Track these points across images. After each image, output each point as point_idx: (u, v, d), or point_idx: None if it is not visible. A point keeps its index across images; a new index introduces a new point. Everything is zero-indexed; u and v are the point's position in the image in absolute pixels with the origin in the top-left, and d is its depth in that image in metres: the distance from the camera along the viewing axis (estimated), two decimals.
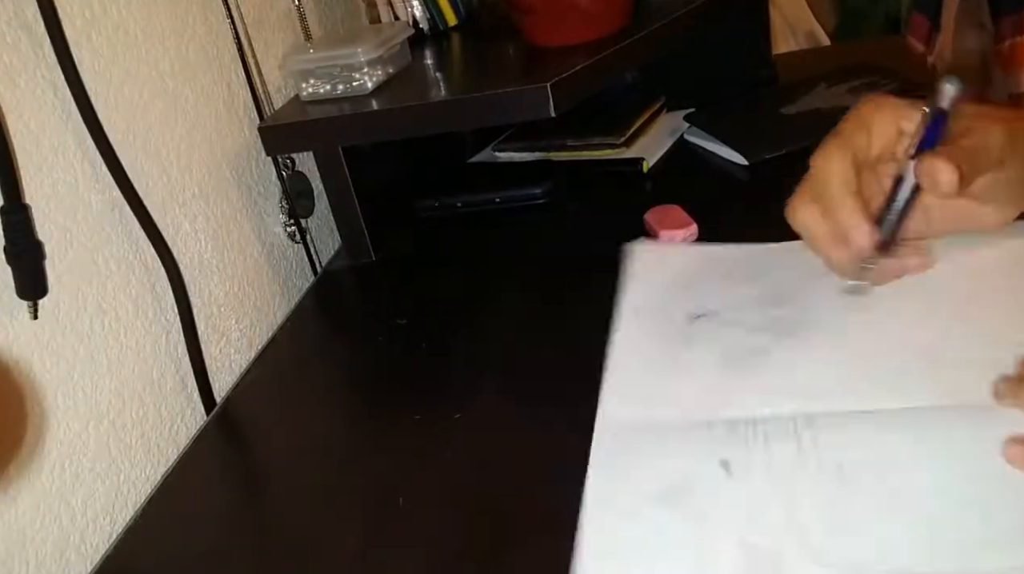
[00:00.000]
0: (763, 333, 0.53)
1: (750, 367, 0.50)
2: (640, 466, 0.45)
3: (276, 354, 0.70)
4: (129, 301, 0.62)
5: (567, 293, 0.66)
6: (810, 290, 0.56)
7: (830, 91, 0.91)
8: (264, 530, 0.51)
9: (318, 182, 0.84)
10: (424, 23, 0.95)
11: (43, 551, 0.53)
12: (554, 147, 0.93)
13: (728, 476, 0.43)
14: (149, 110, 0.67)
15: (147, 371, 0.63)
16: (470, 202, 0.86)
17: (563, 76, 0.69)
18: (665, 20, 0.79)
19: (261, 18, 0.82)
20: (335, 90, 0.78)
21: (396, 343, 0.65)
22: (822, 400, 0.46)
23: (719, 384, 0.50)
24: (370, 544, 0.45)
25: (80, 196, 0.59)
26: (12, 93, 0.54)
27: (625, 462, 0.46)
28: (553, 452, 0.49)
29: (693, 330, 0.55)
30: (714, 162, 0.85)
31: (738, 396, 0.48)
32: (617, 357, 0.54)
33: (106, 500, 0.58)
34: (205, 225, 0.71)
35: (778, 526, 0.40)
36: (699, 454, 0.45)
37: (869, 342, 0.51)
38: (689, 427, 0.47)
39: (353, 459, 0.55)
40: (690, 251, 0.65)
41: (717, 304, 0.57)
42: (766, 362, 0.50)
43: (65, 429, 0.55)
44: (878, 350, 0.50)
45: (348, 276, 0.80)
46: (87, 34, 0.61)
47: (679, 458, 0.45)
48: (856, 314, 0.53)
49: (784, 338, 0.52)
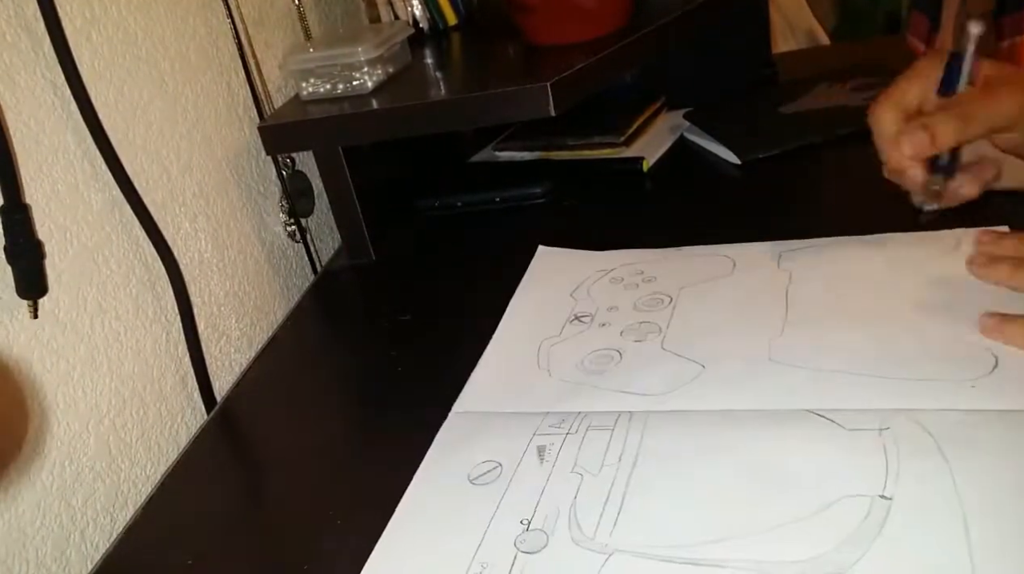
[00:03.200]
0: (626, 336, 0.57)
1: (601, 368, 0.55)
2: (468, 449, 0.50)
3: (276, 353, 0.70)
4: (129, 300, 0.62)
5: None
6: (684, 296, 0.60)
7: (830, 90, 0.91)
8: (264, 530, 0.51)
9: (318, 181, 0.84)
10: (424, 22, 0.95)
11: (43, 550, 0.53)
12: (554, 146, 0.93)
13: (539, 461, 0.47)
14: (149, 109, 0.67)
15: (147, 370, 0.63)
16: (470, 202, 0.86)
17: (563, 75, 0.69)
18: (665, 20, 0.79)
19: (261, 18, 0.82)
20: (335, 89, 0.78)
21: (396, 342, 0.65)
22: (654, 399, 0.50)
23: (570, 382, 0.54)
24: (370, 544, 0.45)
25: (80, 195, 0.59)
26: (12, 92, 0.54)
27: (458, 446, 0.50)
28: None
29: (565, 332, 0.59)
30: (710, 160, 0.85)
31: (581, 392, 0.52)
32: (488, 354, 0.59)
33: (106, 499, 0.58)
34: (205, 224, 0.71)
35: (561, 508, 0.43)
36: (522, 441, 0.49)
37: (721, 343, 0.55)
38: (524, 417, 0.51)
39: (353, 458, 0.55)
40: (591, 257, 0.69)
41: (595, 308, 0.61)
42: (617, 364, 0.54)
43: (65, 428, 0.55)
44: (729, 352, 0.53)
45: (348, 275, 0.80)
46: (87, 33, 0.61)
47: (503, 443, 0.49)
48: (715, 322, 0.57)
49: (641, 342, 0.56)
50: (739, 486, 0.43)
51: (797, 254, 0.63)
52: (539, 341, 0.59)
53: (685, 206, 0.78)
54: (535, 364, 0.57)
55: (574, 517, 0.43)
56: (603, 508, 0.43)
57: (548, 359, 0.57)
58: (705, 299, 0.60)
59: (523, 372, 0.56)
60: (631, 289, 0.63)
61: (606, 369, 0.54)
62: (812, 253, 0.62)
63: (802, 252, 0.63)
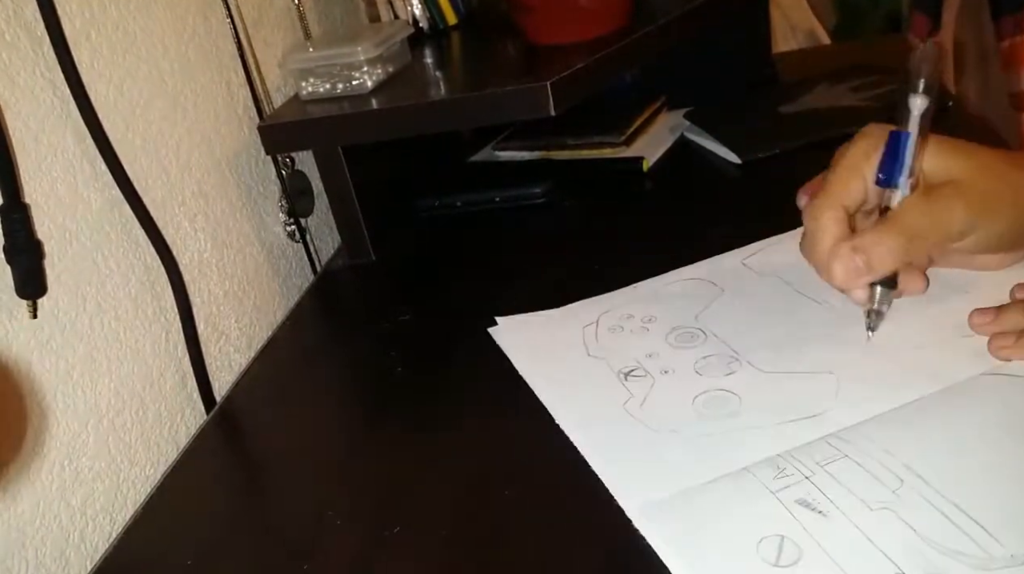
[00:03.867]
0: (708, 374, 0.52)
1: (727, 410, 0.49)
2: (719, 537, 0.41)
3: (276, 353, 0.70)
4: (128, 300, 0.62)
5: (567, 292, 0.66)
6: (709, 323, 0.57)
7: (831, 90, 0.91)
8: (264, 530, 0.50)
9: (318, 181, 0.84)
10: (424, 22, 0.95)
11: (43, 550, 0.53)
12: (554, 146, 0.93)
13: (820, 515, 0.40)
14: (149, 109, 0.66)
15: (147, 370, 0.63)
16: (470, 201, 0.86)
17: (563, 75, 0.69)
18: (665, 20, 0.79)
19: (260, 17, 0.82)
20: (335, 89, 0.78)
21: (396, 342, 0.65)
22: (827, 419, 0.46)
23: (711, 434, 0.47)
24: (370, 544, 0.45)
25: (79, 195, 0.59)
26: (11, 92, 0.54)
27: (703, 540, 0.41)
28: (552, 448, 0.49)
29: (634, 390, 0.52)
30: (710, 160, 0.85)
31: (742, 439, 0.47)
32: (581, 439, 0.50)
33: (106, 499, 0.58)
34: (205, 224, 0.71)
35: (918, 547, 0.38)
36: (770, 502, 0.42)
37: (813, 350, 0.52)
38: (733, 482, 0.44)
39: (353, 458, 0.55)
40: (556, 315, 0.63)
41: (633, 359, 0.55)
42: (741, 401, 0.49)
43: (65, 428, 0.55)
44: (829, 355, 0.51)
45: (348, 275, 0.80)
46: (86, 33, 0.61)
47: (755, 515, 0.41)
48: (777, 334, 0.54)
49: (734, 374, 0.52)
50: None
51: (758, 258, 0.63)
52: (619, 408, 0.51)
53: (685, 206, 0.78)
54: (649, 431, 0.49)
55: (943, 548, 0.37)
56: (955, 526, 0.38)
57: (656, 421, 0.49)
58: (734, 319, 0.56)
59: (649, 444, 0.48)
60: (642, 334, 0.57)
61: (735, 408, 0.49)
62: (773, 252, 0.62)
63: (762, 255, 0.63)
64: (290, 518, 0.50)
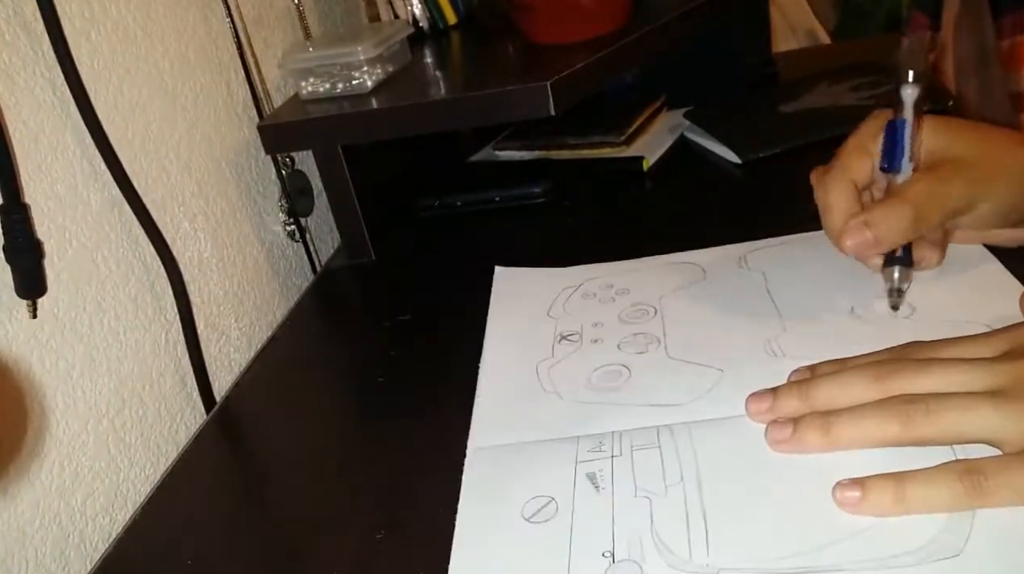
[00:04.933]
0: (625, 350, 0.55)
1: (613, 384, 0.52)
2: (507, 487, 0.46)
3: (276, 353, 0.70)
4: (128, 300, 0.62)
5: None
6: (667, 305, 0.59)
7: (832, 89, 0.91)
8: (264, 530, 0.50)
9: (317, 181, 0.84)
10: (424, 22, 0.95)
11: (42, 550, 0.53)
12: (554, 146, 0.93)
13: (595, 489, 0.44)
14: (148, 109, 0.66)
15: (146, 370, 0.63)
16: (470, 201, 0.86)
17: (563, 75, 0.69)
18: (665, 19, 0.79)
19: (260, 17, 0.82)
20: (334, 89, 0.78)
21: (396, 342, 0.65)
22: (684, 410, 0.48)
23: (584, 402, 0.51)
24: (370, 543, 0.45)
25: (79, 195, 0.59)
26: (11, 92, 0.54)
27: (493, 485, 0.46)
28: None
29: (558, 352, 0.57)
30: (711, 160, 0.85)
31: (604, 411, 0.50)
32: (484, 384, 0.56)
33: (106, 499, 0.58)
34: (204, 224, 0.71)
35: (642, 536, 0.40)
36: (565, 470, 0.46)
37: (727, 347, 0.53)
38: (555, 444, 0.48)
39: (353, 458, 0.55)
40: (552, 274, 0.67)
41: (579, 325, 0.59)
42: (628, 379, 0.52)
43: (64, 428, 0.55)
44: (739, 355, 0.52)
45: (348, 275, 0.80)
46: (86, 32, 0.61)
47: (544, 475, 0.46)
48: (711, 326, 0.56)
49: (644, 353, 0.54)
50: (822, 486, 0.40)
51: (759, 254, 0.63)
52: (534, 364, 0.56)
53: (685, 205, 0.78)
54: (540, 388, 0.54)
55: (660, 542, 0.40)
56: (687, 529, 0.40)
57: (552, 381, 0.54)
58: (690, 305, 0.58)
59: (530, 398, 0.53)
60: (608, 303, 0.61)
61: (619, 385, 0.52)
62: (776, 252, 0.62)
63: (764, 252, 0.63)
64: (290, 518, 0.50)
